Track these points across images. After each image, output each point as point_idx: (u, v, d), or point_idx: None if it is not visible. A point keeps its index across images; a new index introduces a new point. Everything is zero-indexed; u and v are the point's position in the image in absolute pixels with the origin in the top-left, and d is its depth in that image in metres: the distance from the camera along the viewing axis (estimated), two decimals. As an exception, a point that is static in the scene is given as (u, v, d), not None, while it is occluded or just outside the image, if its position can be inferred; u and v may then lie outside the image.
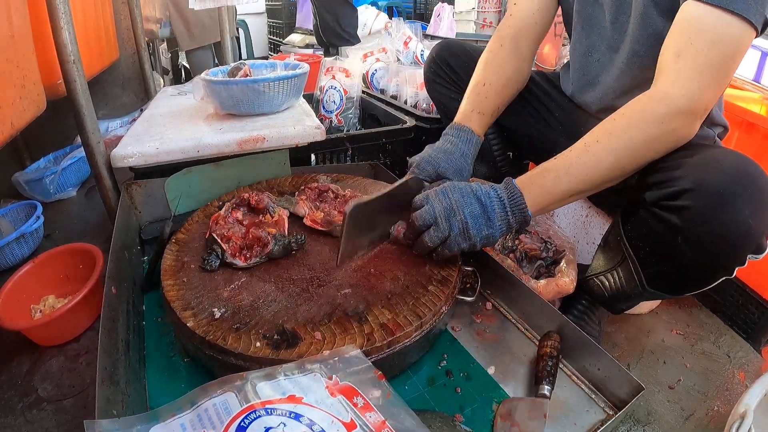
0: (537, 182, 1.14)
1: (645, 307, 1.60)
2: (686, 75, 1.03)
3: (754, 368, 1.44)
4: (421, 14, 5.56)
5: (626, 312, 1.42)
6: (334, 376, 0.84)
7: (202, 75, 1.72)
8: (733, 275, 1.06)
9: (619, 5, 1.28)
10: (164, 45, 4.17)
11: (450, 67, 1.69)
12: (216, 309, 1.08)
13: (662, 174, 1.09)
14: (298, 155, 1.77)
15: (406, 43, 2.75)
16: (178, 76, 4.42)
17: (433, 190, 1.17)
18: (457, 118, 1.44)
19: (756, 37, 1.04)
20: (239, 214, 1.34)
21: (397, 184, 1.26)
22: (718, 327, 1.59)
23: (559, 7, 1.51)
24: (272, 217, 1.34)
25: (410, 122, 2.07)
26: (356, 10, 3.88)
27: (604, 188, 1.13)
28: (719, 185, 0.98)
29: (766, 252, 1.03)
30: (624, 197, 1.25)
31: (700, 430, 1.23)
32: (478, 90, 1.46)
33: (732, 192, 0.97)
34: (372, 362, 0.96)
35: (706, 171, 1.01)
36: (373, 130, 2.04)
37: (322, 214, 1.40)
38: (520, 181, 1.15)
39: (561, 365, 1.17)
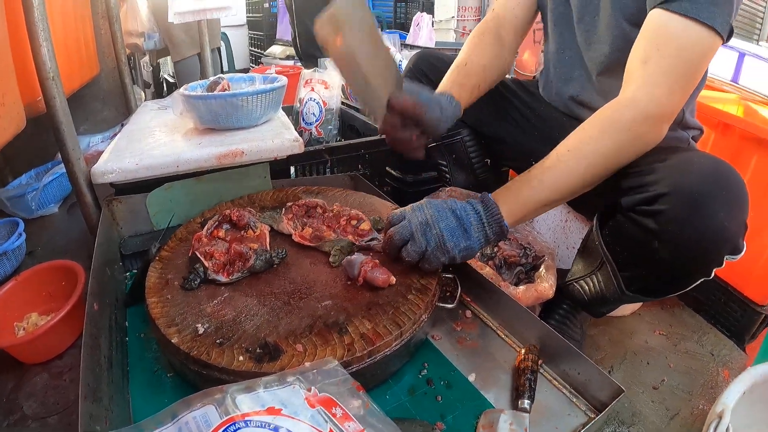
0: (513, 194, 1.16)
1: (627, 308, 1.62)
2: (653, 81, 1.06)
3: (739, 365, 1.46)
4: (401, 23, 5.58)
5: (608, 314, 1.43)
6: (313, 387, 0.85)
7: (181, 90, 1.73)
8: (711, 276, 1.08)
9: (584, 5, 1.32)
10: (146, 58, 4.17)
11: (427, 78, 1.70)
12: (199, 325, 1.09)
13: (638, 178, 1.10)
14: (278, 168, 1.77)
15: (384, 54, 2.77)
16: (160, 89, 4.42)
17: (410, 207, 1.19)
18: (438, 89, 1.45)
19: (722, 44, 1.07)
20: (221, 232, 1.35)
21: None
22: (701, 326, 1.62)
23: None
24: (254, 232, 1.35)
25: (390, 133, 2.07)
26: None
27: (579, 195, 1.16)
28: (694, 189, 1.00)
29: (742, 252, 1.05)
30: (601, 201, 1.26)
31: (685, 430, 1.25)
32: (458, 69, 1.48)
33: (707, 195, 0.99)
34: (353, 372, 0.98)
35: (680, 175, 1.03)
36: (351, 141, 2.05)
37: (311, 230, 1.41)
38: (496, 194, 1.18)
39: (542, 371, 1.18)
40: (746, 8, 5.05)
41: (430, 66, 1.70)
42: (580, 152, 1.11)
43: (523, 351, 1.18)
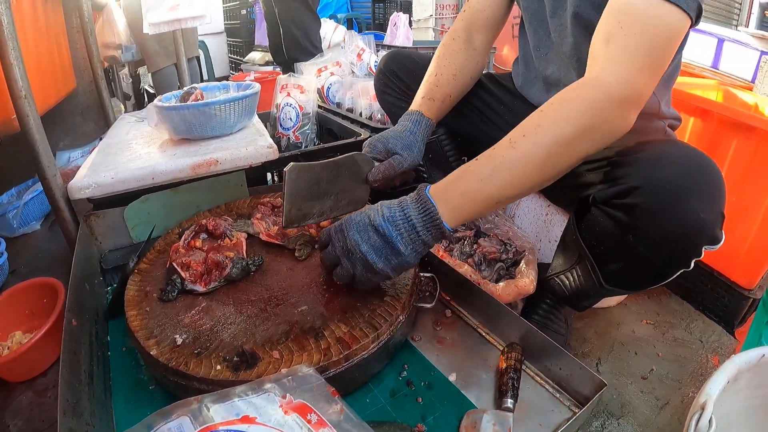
0: (457, 189, 1.04)
1: (613, 300, 1.63)
2: (617, 59, 0.98)
3: (728, 351, 1.47)
4: (380, 24, 5.59)
5: (594, 306, 1.43)
6: (288, 394, 0.85)
7: (155, 101, 1.73)
8: (691, 267, 1.06)
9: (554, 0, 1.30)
10: (125, 70, 4.15)
11: (398, 77, 1.71)
12: (178, 336, 1.10)
13: (611, 171, 1.08)
14: (255, 175, 1.78)
15: (359, 56, 2.78)
16: (141, 101, 4.40)
17: (333, 227, 1.12)
18: (410, 107, 1.45)
19: (691, 27, 1.02)
20: (198, 242, 1.36)
21: (343, 156, 1.27)
22: (689, 313, 1.62)
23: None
24: (231, 241, 1.36)
25: (365, 134, 2.07)
26: (320, 22, 3.88)
27: (537, 190, 1.09)
28: (667, 181, 0.98)
29: (721, 242, 1.03)
30: (577, 194, 1.24)
31: (675, 418, 1.25)
32: (429, 80, 1.47)
33: (681, 187, 0.97)
34: (330, 377, 0.99)
35: (653, 167, 1.01)
36: (326, 144, 2.06)
37: (277, 227, 1.43)
38: (437, 189, 1.05)
39: (524, 367, 1.18)
40: (725, -7, 5.08)
41: (400, 65, 1.71)
42: (537, 138, 0.99)
43: (505, 349, 1.18)
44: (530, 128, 1.01)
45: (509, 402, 1.06)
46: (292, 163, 1.15)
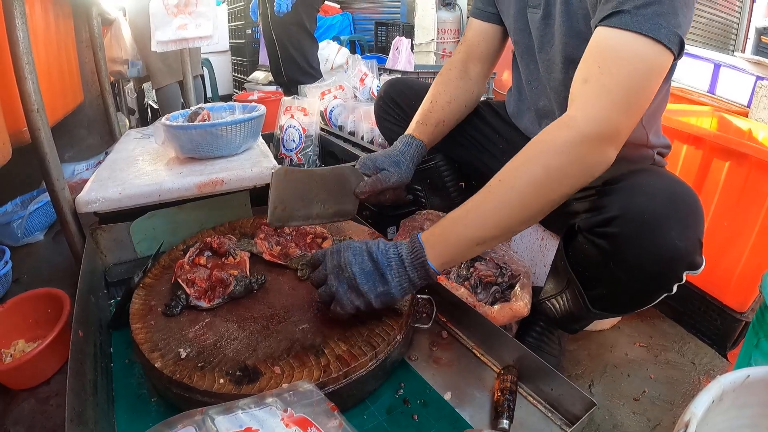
0: (441, 235, 1.10)
1: (606, 322, 1.64)
2: (593, 100, 1.00)
3: (720, 373, 1.46)
4: (382, 47, 5.62)
5: (587, 329, 1.45)
6: (289, 408, 0.88)
7: (163, 120, 1.77)
8: (674, 291, 1.08)
9: (542, 35, 1.33)
10: (130, 85, 4.18)
11: (398, 105, 1.74)
12: (182, 349, 1.13)
13: (595, 200, 1.11)
14: (259, 195, 1.81)
15: (362, 80, 2.81)
16: (145, 116, 4.43)
17: (329, 249, 1.16)
18: (405, 132, 1.51)
19: (675, 60, 1.03)
20: (203, 259, 1.39)
21: (333, 167, 1.34)
22: (682, 336, 1.64)
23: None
24: (234, 259, 1.39)
25: (367, 158, 2.10)
26: (317, 44, 3.91)
27: (520, 230, 1.12)
28: (645, 210, 1.00)
29: (701, 267, 1.05)
30: (565, 221, 1.26)
31: (666, 440, 1.26)
32: (425, 107, 1.52)
33: (658, 216, 1.00)
34: (329, 393, 1.02)
35: (631, 197, 1.03)
36: (328, 167, 2.07)
37: (279, 248, 1.47)
38: (427, 235, 1.10)
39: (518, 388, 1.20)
40: (721, 20, 5.13)
41: (400, 93, 1.75)
42: (510, 182, 1.04)
43: (501, 372, 1.20)
44: (505, 173, 1.06)
45: (505, 423, 1.07)
46: (279, 165, 1.19)
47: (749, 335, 1.33)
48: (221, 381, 1.04)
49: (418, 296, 1.33)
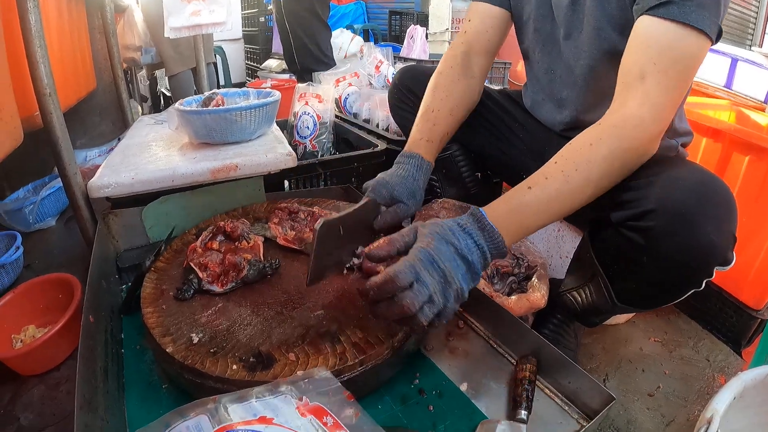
0: (515, 220, 1.05)
1: (622, 317, 1.63)
2: (655, 98, 1.02)
3: (735, 370, 1.46)
4: (396, 36, 5.61)
5: (603, 323, 1.43)
6: (304, 397, 0.86)
7: (176, 105, 1.75)
8: (702, 287, 1.07)
9: (570, 21, 1.30)
10: (143, 72, 4.18)
11: (412, 92, 1.72)
12: (194, 334, 1.11)
13: (627, 194, 1.09)
14: (273, 181, 1.79)
15: (377, 67, 2.79)
16: (157, 103, 4.43)
17: (418, 261, 0.94)
18: (408, 145, 1.42)
19: (711, 46, 1.06)
20: (216, 243, 1.37)
21: (359, 204, 1.26)
22: (697, 332, 1.62)
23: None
24: (248, 243, 1.37)
25: (381, 146, 2.08)
26: (330, 32, 3.89)
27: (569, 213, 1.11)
28: (681, 205, 0.99)
29: (732, 263, 1.04)
30: (593, 214, 1.24)
31: (681, 436, 1.24)
32: (426, 116, 1.44)
33: (694, 211, 0.99)
34: (345, 381, 1.00)
35: (667, 191, 1.02)
36: (344, 154, 2.07)
37: (294, 233, 1.45)
38: (495, 218, 1.03)
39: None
40: (738, 14, 5.08)
41: (415, 81, 1.71)
42: (589, 173, 1.03)
43: (520, 361, 1.19)
44: (579, 162, 1.04)
45: (523, 414, 1.06)
46: (322, 220, 1.11)
47: (766, 333, 1.31)
48: (234, 367, 1.02)
49: None
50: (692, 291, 1.09)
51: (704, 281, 1.06)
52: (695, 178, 1.03)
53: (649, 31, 1.05)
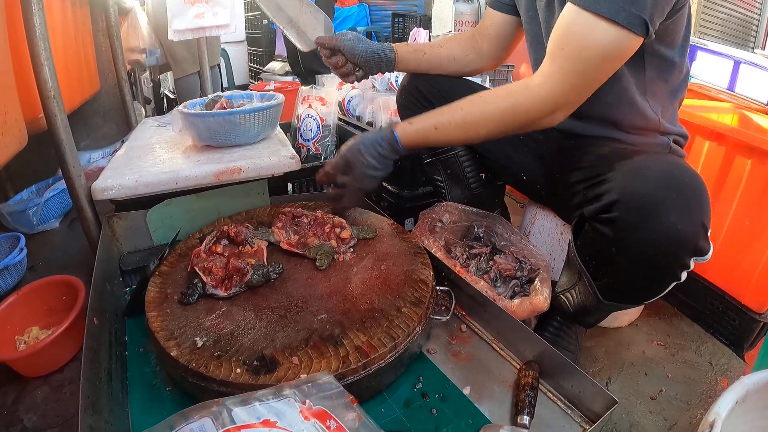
0: (411, 121, 1.36)
1: (624, 319, 1.63)
2: (553, 77, 1.13)
3: (737, 374, 1.46)
4: (399, 38, 5.60)
5: (604, 325, 1.44)
6: (307, 400, 0.86)
7: (180, 107, 1.75)
8: (682, 279, 1.08)
9: (548, 22, 1.35)
10: (146, 74, 4.18)
11: (421, 94, 1.72)
12: (198, 338, 1.11)
13: (600, 187, 1.12)
14: (276, 184, 1.79)
15: (381, 71, 2.79)
16: (160, 105, 4.43)
17: (344, 152, 1.44)
18: None
19: (644, 41, 1.07)
20: (219, 248, 1.37)
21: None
22: (700, 335, 1.62)
23: None
24: (252, 248, 1.38)
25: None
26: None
27: (466, 141, 1.50)
28: (643, 194, 1.01)
29: (709, 253, 1.05)
30: (576, 212, 1.27)
31: (683, 439, 1.24)
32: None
33: (657, 199, 1.00)
34: (348, 384, 1.00)
35: (630, 181, 1.04)
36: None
37: (297, 237, 1.45)
38: (401, 124, 1.38)
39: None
40: (741, 16, 5.07)
41: (424, 82, 1.72)
42: (478, 111, 1.25)
43: (523, 366, 1.19)
44: (476, 103, 1.28)
45: (525, 419, 1.06)
46: None
47: (769, 336, 1.31)
48: (238, 370, 1.02)
49: (438, 288, 1.33)
50: (674, 284, 1.11)
51: (683, 272, 1.07)
52: (660, 167, 1.06)
53: (564, 17, 1.10)
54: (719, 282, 1.62)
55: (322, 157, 2.34)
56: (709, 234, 1.05)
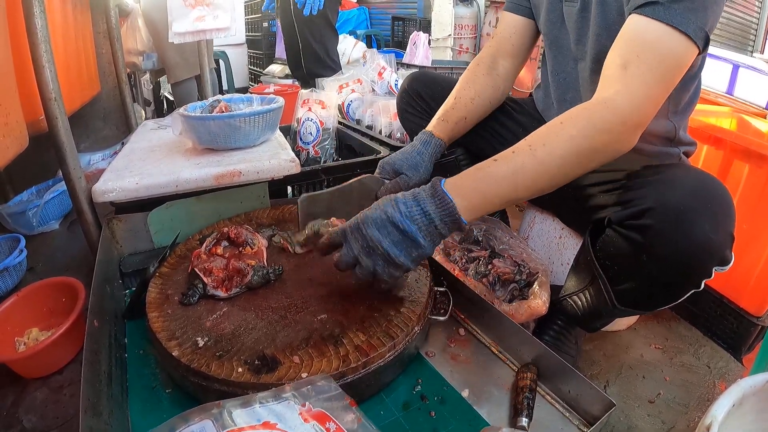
0: (476, 187, 1.08)
1: (623, 323, 1.63)
2: (634, 87, 1.04)
3: (735, 377, 1.46)
4: (399, 42, 5.61)
5: (603, 329, 1.44)
6: (307, 402, 0.87)
7: (180, 110, 1.76)
8: (701, 287, 1.08)
9: (580, 27, 1.34)
10: (146, 76, 4.18)
11: (421, 98, 1.73)
12: (199, 338, 1.12)
13: (626, 194, 1.12)
14: (275, 187, 1.80)
15: (380, 74, 2.80)
16: (160, 108, 4.43)
17: (348, 227, 1.11)
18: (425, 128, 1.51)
19: (699, 55, 1.08)
20: (220, 249, 1.37)
21: (351, 181, 1.34)
22: (698, 339, 1.63)
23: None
24: (252, 249, 1.38)
25: (384, 152, 2.10)
26: (338, 37, 3.89)
27: (537, 196, 1.12)
28: (679, 203, 1.01)
29: (731, 263, 1.05)
30: (591, 217, 1.28)
31: (681, 443, 1.25)
32: (448, 103, 1.53)
33: (691, 209, 1.00)
34: (348, 383, 1.02)
35: (666, 190, 1.04)
36: (347, 161, 2.09)
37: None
38: (454, 186, 1.08)
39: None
40: (740, 20, 5.06)
41: (425, 86, 1.73)
42: (555, 150, 1.05)
43: (521, 370, 1.19)
44: (550, 138, 1.07)
45: (524, 421, 1.06)
46: (304, 194, 1.21)
47: (766, 339, 1.31)
48: (240, 370, 1.03)
49: (436, 289, 1.34)
50: (691, 292, 1.10)
51: (703, 282, 1.07)
52: (694, 178, 1.06)
53: (635, 28, 1.07)
54: (717, 286, 1.63)
55: (322, 160, 2.35)
56: (733, 244, 1.05)
